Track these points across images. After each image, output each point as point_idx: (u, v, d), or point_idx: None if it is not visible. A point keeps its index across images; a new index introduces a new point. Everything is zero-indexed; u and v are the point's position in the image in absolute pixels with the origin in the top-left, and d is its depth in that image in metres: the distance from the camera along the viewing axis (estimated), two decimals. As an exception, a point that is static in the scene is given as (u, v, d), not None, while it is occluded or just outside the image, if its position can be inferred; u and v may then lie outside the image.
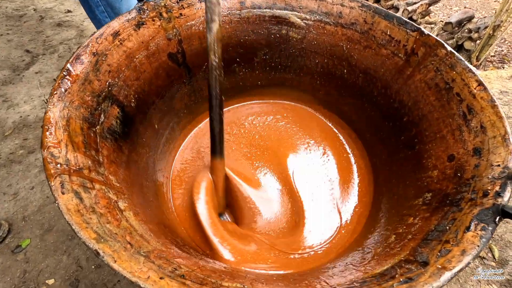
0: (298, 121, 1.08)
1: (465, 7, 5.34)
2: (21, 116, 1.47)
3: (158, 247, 0.47)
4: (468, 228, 0.42)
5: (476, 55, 4.00)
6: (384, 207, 0.72)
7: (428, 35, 0.76)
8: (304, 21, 0.94)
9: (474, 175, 0.53)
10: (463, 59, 0.69)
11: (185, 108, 1.00)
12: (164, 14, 0.83)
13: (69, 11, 2.40)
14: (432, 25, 4.30)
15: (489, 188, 0.47)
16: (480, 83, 0.63)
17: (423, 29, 0.77)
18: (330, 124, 1.07)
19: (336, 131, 1.05)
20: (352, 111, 0.99)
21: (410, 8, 4.18)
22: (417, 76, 0.78)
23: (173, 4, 0.84)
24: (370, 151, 0.92)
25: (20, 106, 1.54)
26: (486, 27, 3.84)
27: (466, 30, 3.90)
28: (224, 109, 1.12)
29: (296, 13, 0.94)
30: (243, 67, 1.05)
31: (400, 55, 0.81)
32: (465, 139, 0.60)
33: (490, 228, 0.40)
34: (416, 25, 0.79)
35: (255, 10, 0.95)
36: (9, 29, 2.14)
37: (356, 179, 0.91)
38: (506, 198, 0.44)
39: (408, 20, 0.80)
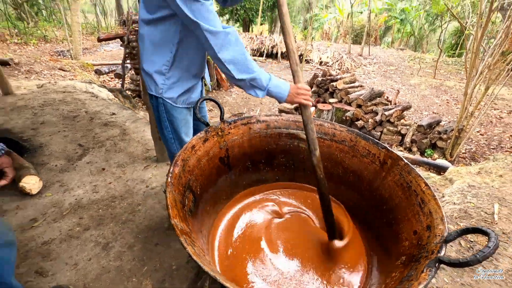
0: (308, 204, 1.41)
1: (433, 112, 6.35)
2: (76, 199, 1.78)
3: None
4: (422, 272, 0.72)
5: (449, 152, 4.61)
6: (377, 270, 1.00)
7: (392, 151, 1.18)
8: (309, 137, 1.39)
9: (427, 242, 0.85)
10: (414, 168, 1.09)
11: (224, 195, 1.34)
12: (220, 133, 1.27)
13: (113, 114, 2.98)
14: (408, 127, 5.08)
15: (434, 249, 0.79)
16: (426, 184, 1.01)
17: (388, 146, 1.21)
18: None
19: (340, 213, 1.37)
20: (349, 199, 1.34)
21: (387, 113, 5.02)
22: (389, 177, 1.16)
23: (225, 127, 1.29)
24: (364, 228, 1.23)
25: (74, 190, 1.86)
26: (452, 130, 4.58)
27: (436, 132, 4.63)
28: (249, 197, 1.47)
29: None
30: (266, 166, 1.44)
31: (376, 163, 1.22)
32: (422, 220, 0.94)
33: (433, 269, 0.71)
34: (383, 144, 1.22)
35: (276, 129, 1.41)
36: (65, 127, 2.65)
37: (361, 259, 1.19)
38: (442, 253, 0.75)
39: (378, 141, 1.24)
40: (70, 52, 8.30)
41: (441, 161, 4.06)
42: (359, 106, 5.45)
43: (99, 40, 5.78)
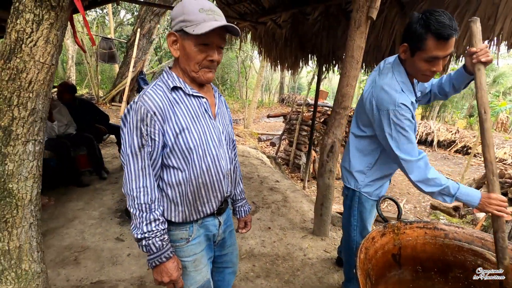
0: None
1: None
2: (250, 247, 2.24)
3: None
4: None
5: None
6: None
7: None
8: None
9: None
10: None
11: (390, 291, 1.40)
12: (396, 231, 1.40)
13: (277, 181, 3.60)
14: None
15: None
16: None
17: None
18: None
19: None
20: None
21: None
22: None
23: (401, 226, 1.41)
24: None
25: (248, 240, 2.35)
26: None
27: None
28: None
29: (492, 253, 1.31)
30: (439, 276, 1.41)
31: None
32: None
33: None
34: None
35: (455, 241, 1.40)
36: (243, 185, 3.42)
37: None
38: None
39: None
40: (242, 121, 10.65)
41: None
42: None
43: (269, 116, 7.25)
